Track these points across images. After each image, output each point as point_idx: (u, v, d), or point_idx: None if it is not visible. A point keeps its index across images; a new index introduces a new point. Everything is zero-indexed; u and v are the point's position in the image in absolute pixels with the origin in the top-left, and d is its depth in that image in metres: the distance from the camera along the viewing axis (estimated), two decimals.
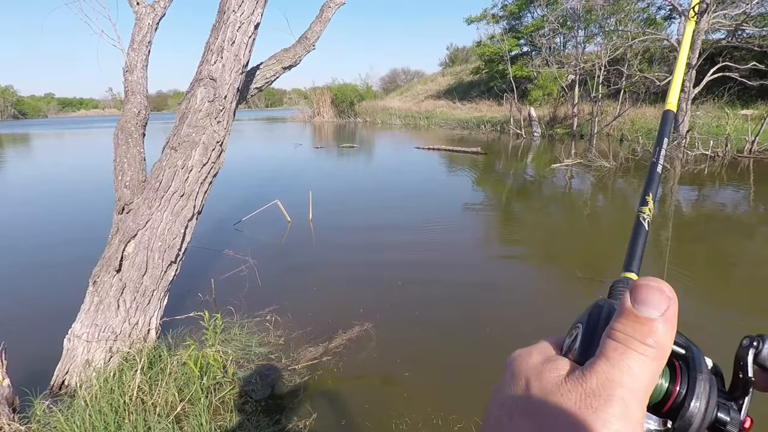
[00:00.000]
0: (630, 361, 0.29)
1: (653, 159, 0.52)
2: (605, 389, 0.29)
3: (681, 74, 0.62)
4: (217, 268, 5.25)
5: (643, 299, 0.30)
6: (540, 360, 0.34)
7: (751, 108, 16.62)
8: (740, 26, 15.20)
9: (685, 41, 0.66)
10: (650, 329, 0.30)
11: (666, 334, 0.30)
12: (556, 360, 0.33)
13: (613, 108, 19.40)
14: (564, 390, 0.30)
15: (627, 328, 0.30)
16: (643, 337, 0.29)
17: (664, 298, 0.30)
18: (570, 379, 0.31)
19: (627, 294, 0.31)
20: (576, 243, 6.54)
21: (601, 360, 0.30)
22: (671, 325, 0.30)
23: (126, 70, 3.17)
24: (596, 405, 0.28)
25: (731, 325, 3.96)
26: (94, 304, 2.97)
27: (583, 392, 0.29)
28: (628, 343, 0.30)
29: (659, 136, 0.54)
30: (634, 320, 0.30)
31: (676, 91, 0.59)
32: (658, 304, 0.30)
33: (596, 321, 0.34)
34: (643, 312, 0.30)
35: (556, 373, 0.32)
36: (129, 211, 3.03)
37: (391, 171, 13.76)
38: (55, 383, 2.96)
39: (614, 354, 0.30)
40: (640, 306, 0.30)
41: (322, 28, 3.87)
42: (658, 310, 0.30)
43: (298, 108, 45.98)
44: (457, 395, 3.01)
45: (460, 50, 48.25)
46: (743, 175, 10.79)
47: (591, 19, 20.64)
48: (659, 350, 0.30)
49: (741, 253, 5.89)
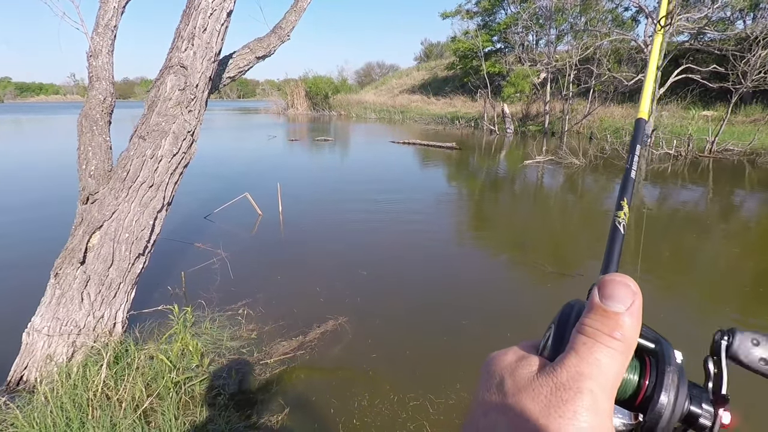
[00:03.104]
0: (598, 354, 0.30)
1: (627, 165, 0.53)
2: (575, 382, 0.29)
3: (651, 84, 0.64)
4: (188, 260, 5.13)
5: (610, 294, 0.32)
6: (514, 359, 0.35)
7: (711, 109, 17.38)
8: (702, 30, 15.82)
9: (653, 53, 0.67)
10: (617, 323, 0.31)
11: (632, 327, 0.31)
12: (529, 358, 0.34)
13: (583, 106, 19.92)
14: (536, 385, 0.31)
15: (595, 322, 0.31)
16: (611, 330, 0.30)
17: (629, 292, 0.31)
18: (541, 374, 0.31)
19: (595, 290, 0.33)
20: (546, 238, 6.71)
21: (571, 354, 0.31)
22: (637, 319, 0.31)
23: (90, 55, 3.03)
24: (566, 397, 0.29)
25: (695, 318, 4.15)
26: (56, 297, 2.86)
27: (553, 386, 0.30)
28: (596, 336, 0.31)
29: (632, 143, 0.55)
30: (602, 315, 0.31)
31: (647, 100, 0.61)
32: (623, 298, 0.31)
33: (567, 320, 0.35)
34: (610, 306, 0.31)
35: (529, 369, 0.33)
36: (94, 201, 2.92)
37: (366, 164, 13.74)
38: (13, 379, 2.84)
39: (583, 348, 0.31)
40: (607, 301, 0.31)
41: (297, 18, 3.81)
42: (624, 304, 0.31)
43: (272, 99, 45.25)
44: (428, 386, 3.05)
45: (435, 45, 48.48)
46: (703, 174, 11.28)
47: (562, 19, 21.09)
48: (626, 343, 0.31)
49: (700, 249, 6.17)
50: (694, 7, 15.70)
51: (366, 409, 2.86)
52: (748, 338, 0.37)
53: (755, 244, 6.36)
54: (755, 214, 8.04)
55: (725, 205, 8.65)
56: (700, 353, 0.40)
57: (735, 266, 5.42)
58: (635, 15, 21.69)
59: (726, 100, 14.70)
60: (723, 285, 4.92)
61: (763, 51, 12.98)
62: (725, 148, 13.61)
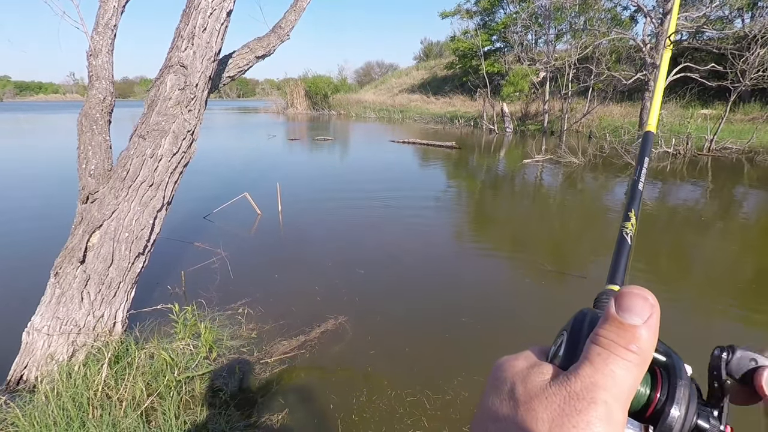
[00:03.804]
0: (613, 365, 0.30)
1: (635, 177, 0.53)
2: (589, 392, 0.29)
3: (659, 98, 0.63)
4: (188, 259, 5.13)
5: (627, 306, 0.31)
6: (525, 366, 0.34)
7: (710, 108, 17.40)
8: (701, 28, 15.82)
9: (662, 68, 0.67)
10: (633, 335, 0.30)
11: (648, 341, 0.31)
12: (541, 365, 0.34)
13: (582, 105, 19.94)
14: (549, 393, 0.31)
15: (611, 334, 0.31)
16: (627, 343, 0.30)
17: (647, 305, 0.31)
18: (555, 383, 0.31)
19: (612, 301, 0.32)
20: (545, 236, 6.71)
21: (586, 364, 0.31)
22: (653, 332, 0.31)
23: (90, 54, 3.03)
24: (580, 407, 0.29)
25: (695, 319, 4.16)
26: (56, 297, 2.86)
27: (567, 395, 0.30)
28: (611, 348, 0.30)
29: (640, 156, 0.55)
30: (618, 326, 0.31)
31: (656, 114, 0.61)
32: (641, 311, 0.31)
33: (580, 328, 0.35)
34: (627, 319, 0.31)
35: (541, 377, 0.32)
36: (94, 200, 2.92)
37: (366, 163, 13.74)
38: (13, 378, 2.84)
39: (598, 359, 0.30)
40: (624, 313, 0.31)
41: (297, 18, 3.81)
42: (642, 318, 0.31)
43: (272, 99, 45.22)
44: (426, 382, 3.06)
45: (434, 45, 48.43)
46: (702, 172, 11.30)
47: (561, 18, 21.10)
48: (642, 356, 0.30)
49: (698, 247, 6.18)
50: (693, 6, 15.70)
51: (365, 405, 2.87)
52: (747, 357, 0.37)
53: (755, 241, 6.37)
54: (754, 211, 8.05)
55: (724, 202, 8.67)
56: (700, 355, 0.40)
57: (734, 263, 5.43)
58: (634, 14, 21.71)
59: (725, 99, 14.71)
60: (722, 282, 4.93)
61: (761, 49, 12.98)
62: (724, 147, 13.63)
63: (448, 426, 2.71)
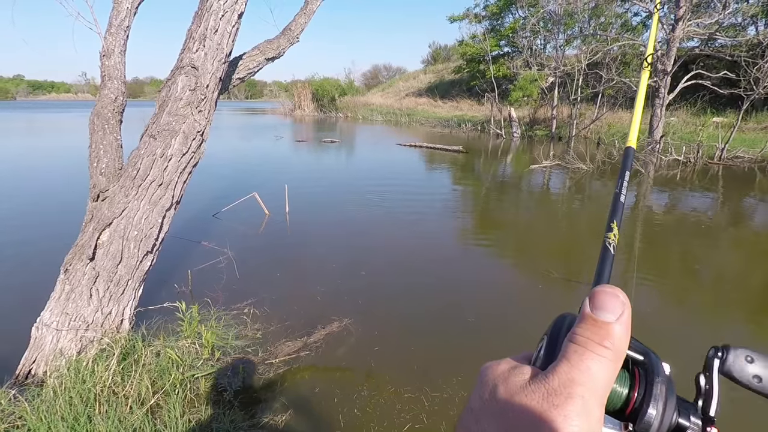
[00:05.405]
0: (589, 362, 0.31)
1: (617, 190, 0.54)
2: (566, 388, 0.31)
3: (639, 116, 0.68)
4: (195, 259, 5.17)
5: (601, 305, 0.33)
6: (507, 368, 0.36)
7: (721, 116, 17.24)
8: (713, 35, 15.70)
9: (641, 88, 0.71)
10: (607, 332, 0.32)
11: (621, 337, 0.32)
12: (522, 367, 0.35)
13: (591, 111, 19.83)
14: (528, 390, 0.32)
15: (586, 331, 0.32)
16: (601, 339, 0.32)
17: (619, 303, 0.33)
18: (533, 381, 0.33)
19: (586, 301, 0.34)
20: (552, 243, 6.68)
21: (563, 362, 0.32)
22: (626, 328, 0.33)
23: (103, 55, 3.08)
24: (557, 402, 0.30)
25: (695, 330, 4.12)
26: (65, 293, 2.89)
27: (545, 391, 0.31)
28: (587, 345, 0.32)
29: (622, 170, 0.57)
30: (592, 324, 0.33)
31: (636, 130, 0.65)
32: (613, 309, 0.33)
33: (558, 331, 0.36)
34: (600, 316, 0.33)
35: (522, 377, 0.34)
36: (104, 198, 2.95)
37: (372, 166, 13.75)
38: (21, 372, 2.87)
39: (574, 356, 0.32)
40: (597, 311, 0.33)
41: (307, 21, 3.84)
42: (614, 314, 0.33)
43: (279, 101, 45.45)
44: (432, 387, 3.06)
45: (443, 48, 48.46)
46: (713, 181, 11.19)
47: (571, 22, 21.03)
48: (616, 352, 0.32)
49: (706, 257, 6.12)
50: (705, 12, 15.58)
51: (366, 400, 2.90)
52: (742, 355, 0.38)
53: (765, 251, 6.30)
54: (765, 222, 7.96)
55: (735, 211, 8.58)
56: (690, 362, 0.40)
57: (743, 273, 5.37)
58: (645, 20, 21.60)
59: (737, 107, 14.56)
60: (730, 292, 4.88)
61: None
62: (736, 155, 13.49)
63: (445, 421, 2.76)
